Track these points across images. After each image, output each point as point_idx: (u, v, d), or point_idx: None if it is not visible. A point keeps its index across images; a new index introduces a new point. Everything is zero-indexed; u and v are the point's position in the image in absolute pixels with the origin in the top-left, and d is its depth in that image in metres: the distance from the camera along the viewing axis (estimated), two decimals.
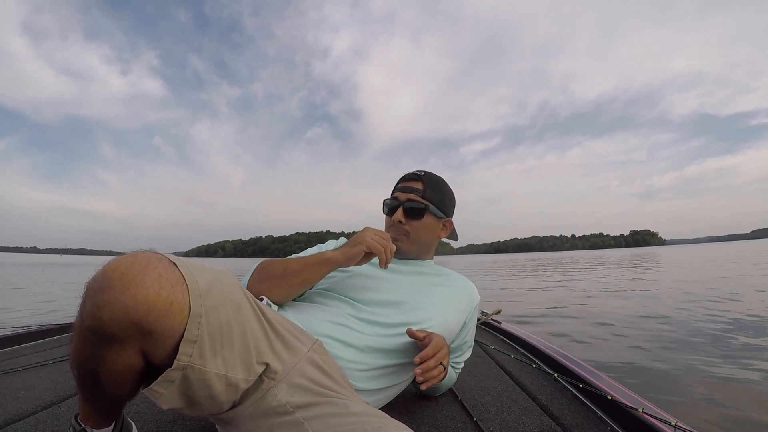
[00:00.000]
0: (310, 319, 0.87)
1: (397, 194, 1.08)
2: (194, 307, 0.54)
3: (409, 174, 1.11)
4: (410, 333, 0.86)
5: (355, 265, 0.94)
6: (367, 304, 0.93)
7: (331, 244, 1.11)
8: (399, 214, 1.04)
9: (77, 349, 0.57)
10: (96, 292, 0.50)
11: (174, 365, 0.54)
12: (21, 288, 10.05)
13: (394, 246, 0.93)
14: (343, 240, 1.14)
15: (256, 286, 0.91)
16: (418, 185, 1.07)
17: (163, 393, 0.57)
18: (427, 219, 1.06)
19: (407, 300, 0.97)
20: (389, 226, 1.08)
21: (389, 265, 1.00)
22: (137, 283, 0.50)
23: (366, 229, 0.94)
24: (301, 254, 1.08)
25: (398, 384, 0.93)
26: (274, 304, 0.92)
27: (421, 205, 1.05)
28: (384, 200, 1.12)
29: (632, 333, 3.80)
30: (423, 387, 0.82)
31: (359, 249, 0.89)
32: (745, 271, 11.17)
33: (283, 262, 0.94)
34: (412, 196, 1.06)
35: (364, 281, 0.99)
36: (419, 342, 0.85)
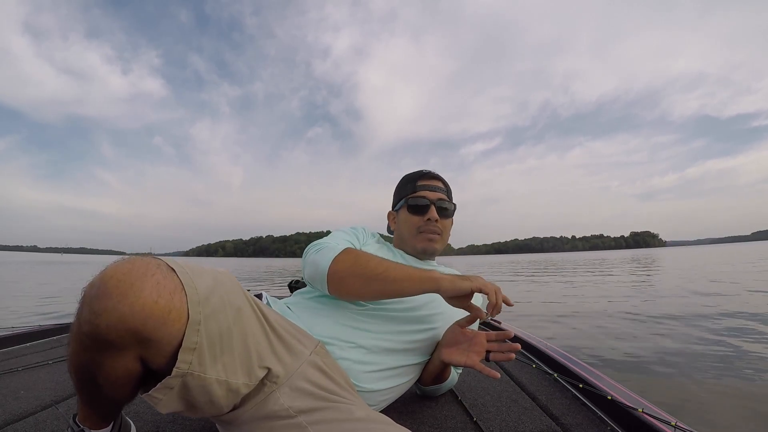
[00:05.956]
0: (315, 320, 0.86)
1: (424, 193, 1.06)
2: (193, 315, 0.53)
3: (430, 173, 1.10)
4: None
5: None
6: (374, 302, 0.92)
7: (360, 232, 1.06)
8: (434, 212, 1.04)
9: (75, 353, 0.57)
10: (93, 299, 0.50)
11: (173, 373, 0.54)
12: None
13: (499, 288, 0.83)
14: (369, 228, 1.11)
15: (346, 281, 0.83)
16: (441, 185, 1.09)
17: (162, 399, 0.57)
18: (451, 219, 1.10)
19: (415, 299, 0.96)
20: (417, 225, 1.05)
21: (398, 259, 1.02)
22: (135, 291, 0.49)
23: (478, 276, 0.84)
24: (337, 234, 1.00)
25: (403, 384, 0.94)
26: (281, 302, 0.91)
27: (451, 206, 1.08)
28: (407, 198, 1.08)
29: (632, 334, 3.80)
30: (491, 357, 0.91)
31: (468, 285, 0.80)
32: (744, 273, 11.16)
33: (383, 262, 0.84)
34: (441, 195, 1.07)
35: None
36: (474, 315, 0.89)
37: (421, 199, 1.06)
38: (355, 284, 0.83)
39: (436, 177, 1.10)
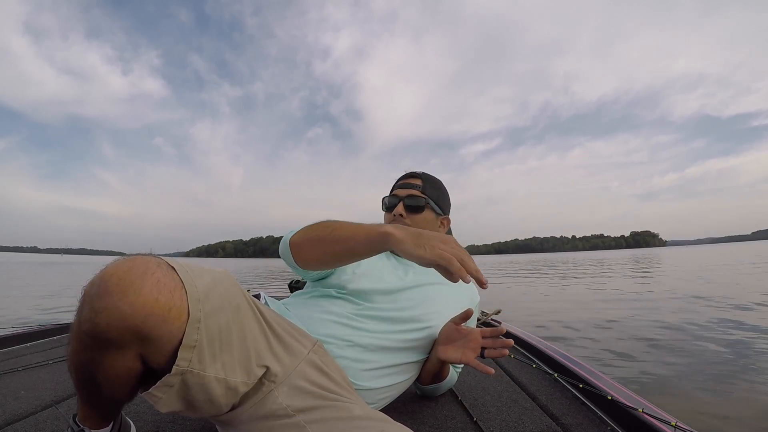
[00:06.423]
0: (312, 319, 0.86)
1: (396, 191, 1.10)
2: (193, 312, 0.53)
3: (407, 173, 1.14)
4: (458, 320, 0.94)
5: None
6: (370, 301, 0.93)
7: None
8: (399, 208, 1.06)
9: (75, 351, 0.57)
10: (93, 297, 0.50)
11: (173, 370, 0.54)
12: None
13: (468, 256, 0.67)
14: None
15: (303, 246, 0.83)
16: (417, 182, 1.10)
17: (162, 397, 0.57)
18: (427, 214, 1.08)
19: (410, 298, 0.97)
20: (389, 222, 1.07)
21: (392, 260, 1.02)
22: (135, 289, 0.49)
23: (437, 235, 0.70)
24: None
25: (402, 382, 0.94)
26: (278, 302, 0.91)
27: (421, 200, 1.07)
28: (383, 198, 1.13)
29: (632, 334, 3.79)
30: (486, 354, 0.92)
31: (421, 254, 0.67)
32: (744, 274, 11.15)
33: (333, 224, 0.81)
34: (412, 191, 1.08)
35: (367, 280, 0.98)
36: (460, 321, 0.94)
37: (391, 198, 1.10)
38: (309, 249, 0.83)
39: (413, 176, 1.12)
